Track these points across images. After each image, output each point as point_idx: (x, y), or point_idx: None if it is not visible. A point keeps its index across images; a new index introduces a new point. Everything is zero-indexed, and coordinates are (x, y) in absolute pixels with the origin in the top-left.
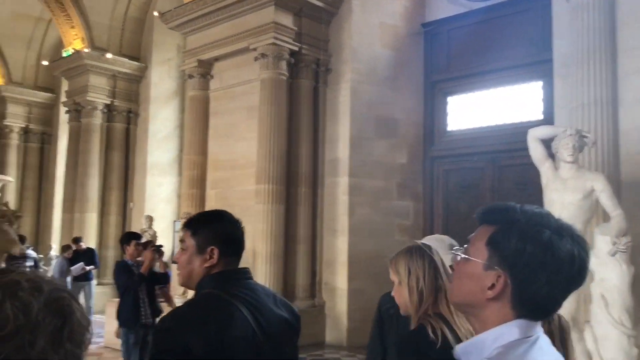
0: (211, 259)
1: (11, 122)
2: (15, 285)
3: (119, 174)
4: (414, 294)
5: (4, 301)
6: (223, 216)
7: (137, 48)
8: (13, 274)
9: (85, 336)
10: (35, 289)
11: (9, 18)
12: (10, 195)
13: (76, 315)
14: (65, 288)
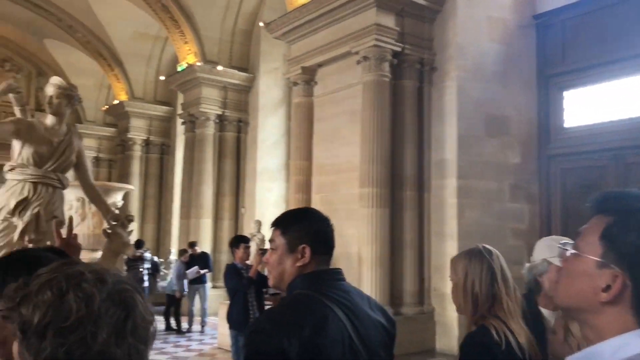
0: (303, 258)
1: (134, 135)
2: (79, 276)
3: (231, 181)
4: (469, 298)
5: (68, 292)
6: (312, 213)
7: (246, 59)
8: (78, 266)
9: (150, 331)
10: (99, 281)
11: (130, 38)
12: (134, 202)
13: (139, 308)
14: (128, 280)
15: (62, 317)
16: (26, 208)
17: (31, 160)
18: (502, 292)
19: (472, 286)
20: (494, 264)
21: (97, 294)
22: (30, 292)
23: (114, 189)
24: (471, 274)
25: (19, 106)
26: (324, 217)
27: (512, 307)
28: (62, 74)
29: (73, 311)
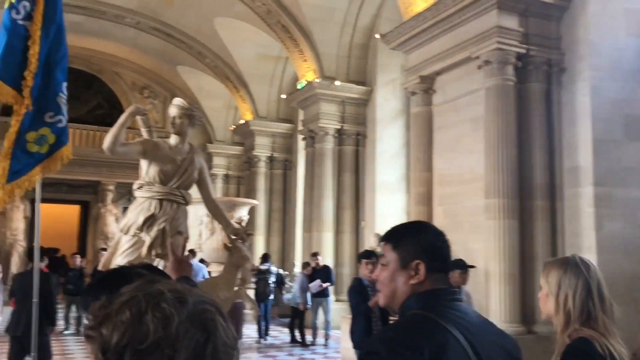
0: (417, 275)
1: (259, 152)
2: (159, 296)
3: (351, 194)
4: (561, 312)
5: (146, 312)
6: (426, 227)
7: (363, 73)
8: (160, 284)
9: (233, 357)
10: (179, 300)
11: (253, 60)
12: (260, 217)
13: (220, 331)
14: (211, 301)
15: (140, 338)
16: (153, 224)
17: (157, 178)
18: (598, 309)
19: (565, 300)
20: (590, 278)
21: (175, 315)
22: (111, 312)
23: (240, 204)
24: (565, 286)
25: (146, 127)
26: (439, 231)
27: (609, 325)
28: (193, 97)
29: (150, 333)
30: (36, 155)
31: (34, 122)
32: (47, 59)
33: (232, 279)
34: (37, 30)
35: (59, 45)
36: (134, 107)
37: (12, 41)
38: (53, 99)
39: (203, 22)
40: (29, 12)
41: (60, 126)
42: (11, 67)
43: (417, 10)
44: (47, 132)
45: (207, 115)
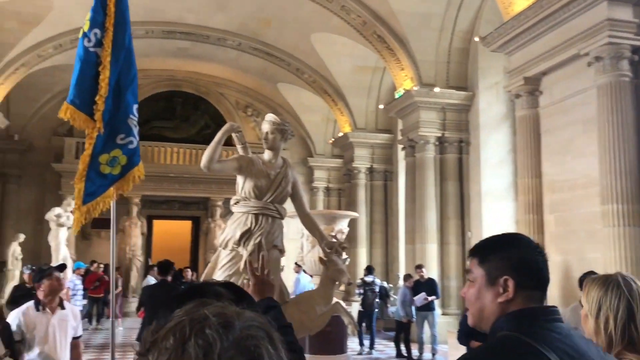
0: (505, 293)
1: (359, 164)
2: (203, 321)
3: (455, 204)
4: (601, 334)
5: (189, 339)
6: (518, 239)
7: (464, 78)
8: (207, 307)
9: None
10: (224, 326)
11: (350, 72)
12: (362, 229)
13: (265, 358)
14: (262, 324)
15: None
16: (249, 238)
17: (252, 193)
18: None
19: (606, 323)
20: (633, 299)
21: (218, 341)
22: (158, 338)
23: (340, 216)
24: (605, 308)
25: (240, 144)
26: (534, 245)
27: None
28: (293, 112)
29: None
30: (109, 177)
31: (106, 145)
32: (117, 83)
33: (329, 293)
34: (107, 56)
35: (129, 69)
36: (228, 125)
37: (85, 69)
38: (124, 122)
39: (300, 39)
40: (99, 39)
41: (131, 147)
42: (84, 94)
43: (517, 9)
44: (119, 154)
45: (307, 130)
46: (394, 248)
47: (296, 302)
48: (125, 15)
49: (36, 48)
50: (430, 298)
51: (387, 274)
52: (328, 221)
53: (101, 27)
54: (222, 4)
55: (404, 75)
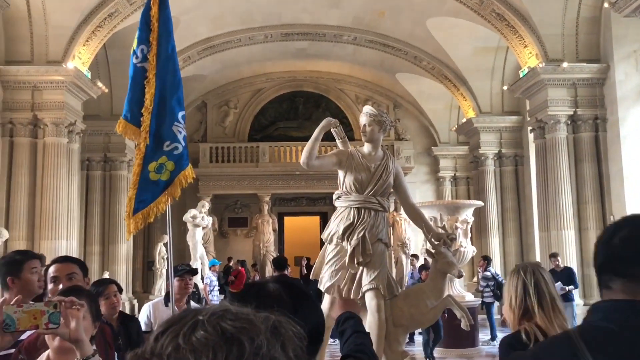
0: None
1: (486, 150)
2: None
3: (593, 186)
4: (507, 312)
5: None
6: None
7: (595, 49)
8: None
9: None
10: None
11: (471, 55)
12: (493, 217)
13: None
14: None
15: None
16: (353, 232)
17: (353, 187)
18: (535, 305)
19: (510, 302)
20: (527, 279)
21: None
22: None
23: (463, 206)
24: (508, 291)
25: (340, 139)
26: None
27: (547, 318)
28: (414, 102)
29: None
30: (160, 183)
31: (154, 153)
32: (162, 93)
33: (440, 286)
34: (152, 69)
35: (173, 77)
36: (326, 121)
37: (134, 84)
38: (169, 129)
39: (416, 26)
40: (145, 54)
41: (177, 153)
42: (134, 107)
43: None
44: (165, 161)
45: (430, 118)
46: (528, 236)
47: (405, 295)
48: (168, 26)
49: None
50: (568, 288)
51: None
52: (451, 212)
53: (146, 43)
54: (335, 1)
55: (528, 52)
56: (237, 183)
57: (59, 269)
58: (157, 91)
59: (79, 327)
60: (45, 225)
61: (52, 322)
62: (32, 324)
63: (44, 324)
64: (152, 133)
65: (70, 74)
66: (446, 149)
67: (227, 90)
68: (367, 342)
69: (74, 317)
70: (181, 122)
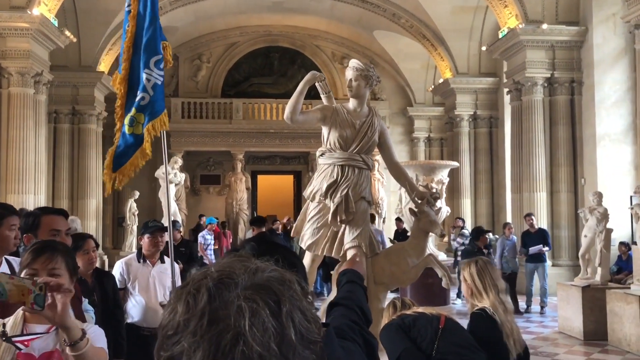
0: None
1: (461, 111)
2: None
3: (567, 149)
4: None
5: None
6: None
7: (575, 11)
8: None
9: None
10: (250, 271)
11: (450, 14)
12: (465, 178)
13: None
14: (279, 270)
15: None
16: (336, 190)
17: (337, 144)
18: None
19: (465, 282)
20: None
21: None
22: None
23: (440, 166)
24: (463, 279)
25: (325, 93)
26: None
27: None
28: (391, 61)
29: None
30: (136, 137)
31: (128, 105)
32: (138, 38)
33: (421, 245)
34: (133, 19)
35: (153, 19)
36: (310, 74)
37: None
38: (139, 77)
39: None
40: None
41: (144, 104)
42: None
43: None
44: (134, 113)
45: (406, 78)
46: (500, 198)
47: (387, 254)
48: None
49: None
50: (545, 249)
51: (494, 225)
52: (427, 172)
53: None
54: None
55: (508, 12)
56: (209, 140)
57: (62, 224)
58: (136, 36)
59: (65, 312)
60: (11, 178)
61: (37, 303)
62: (19, 300)
63: (30, 303)
64: (130, 83)
65: (35, 20)
66: (421, 110)
67: (199, 43)
68: (356, 289)
69: (60, 303)
70: (153, 69)
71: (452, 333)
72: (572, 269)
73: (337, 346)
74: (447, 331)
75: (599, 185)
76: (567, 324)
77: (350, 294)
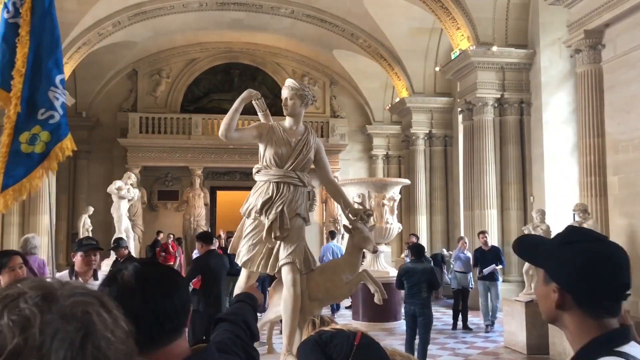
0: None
1: (417, 130)
2: (18, 297)
3: (516, 168)
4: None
5: (1, 317)
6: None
7: (524, 35)
8: (21, 282)
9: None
10: (44, 298)
11: (406, 35)
12: (422, 195)
13: (99, 325)
14: (89, 292)
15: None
16: (271, 207)
17: (272, 161)
18: None
19: None
20: None
21: (38, 315)
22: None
23: (391, 184)
24: None
25: (262, 111)
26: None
27: None
28: (351, 80)
29: (7, 339)
30: (33, 156)
31: (27, 122)
32: (37, 52)
33: (355, 261)
34: (26, 25)
35: (51, 35)
36: (246, 92)
37: (5, 43)
38: (44, 95)
39: (353, 3)
40: (18, 8)
41: (53, 122)
42: (5, 69)
43: None
44: (39, 131)
45: (365, 97)
46: (455, 215)
47: (322, 270)
48: None
49: (96, 26)
50: (499, 267)
51: (448, 241)
52: (379, 189)
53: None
54: None
55: (460, 35)
56: (168, 155)
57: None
58: (32, 51)
59: None
60: None
61: None
62: None
63: None
64: (25, 99)
65: None
66: (380, 128)
67: (159, 58)
68: (244, 306)
69: None
70: (59, 87)
71: (366, 350)
72: (521, 284)
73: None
74: (361, 348)
75: (547, 203)
76: (512, 338)
77: (237, 309)
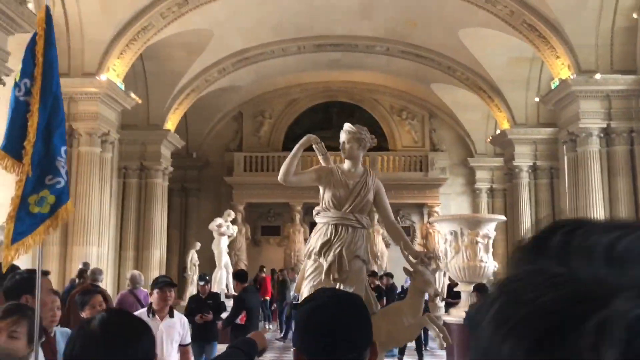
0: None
1: (520, 162)
2: None
3: (628, 201)
4: None
5: None
6: None
7: (631, 60)
8: None
9: None
10: None
11: (505, 65)
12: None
13: None
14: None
15: None
16: (329, 249)
17: (331, 203)
18: None
19: None
20: None
21: None
22: None
23: (485, 220)
24: None
25: (321, 155)
26: None
27: None
28: (450, 112)
29: None
30: (39, 216)
31: (35, 186)
32: (47, 127)
33: (417, 305)
34: (36, 103)
35: (57, 114)
36: (305, 137)
37: (15, 117)
38: (52, 164)
39: (448, 37)
40: (29, 88)
41: (59, 187)
42: (15, 140)
43: None
44: (47, 194)
45: (466, 129)
46: None
47: (384, 313)
48: (53, 64)
49: (203, 74)
50: None
51: None
52: (472, 226)
53: (30, 77)
54: (367, 12)
55: (560, 63)
56: (270, 192)
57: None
58: (41, 125)
59: None
60: (77, 231)
61: None
62: None
63: None
64: (35, 165)
65: (103, 85)
66: (482, 160)
67: (262, 100)
68: (233, 352)
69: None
70: (63, 157)
71: None
72: None
73: None
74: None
75: None
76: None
77: (225, 356)
